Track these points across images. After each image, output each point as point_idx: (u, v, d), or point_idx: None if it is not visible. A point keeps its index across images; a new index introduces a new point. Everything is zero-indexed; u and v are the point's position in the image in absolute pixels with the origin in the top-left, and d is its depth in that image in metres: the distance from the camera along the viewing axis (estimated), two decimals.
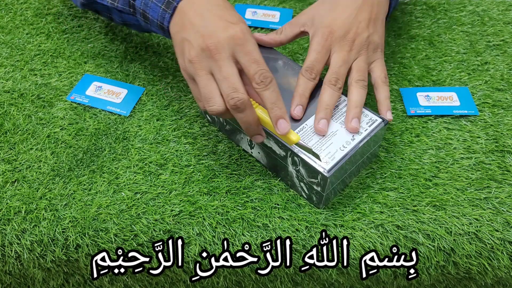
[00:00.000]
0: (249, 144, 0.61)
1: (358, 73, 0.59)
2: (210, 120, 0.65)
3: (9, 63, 0.74)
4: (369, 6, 0.61)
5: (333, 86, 0.58)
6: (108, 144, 0.64)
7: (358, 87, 0.58)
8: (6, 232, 0.56)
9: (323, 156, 0.53)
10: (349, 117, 0.57)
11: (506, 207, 0.57)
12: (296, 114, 0.57)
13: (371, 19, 0.61)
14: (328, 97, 0.57)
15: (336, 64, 0.59)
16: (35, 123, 0.66)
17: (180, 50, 0.55)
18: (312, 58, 0.59)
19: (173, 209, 0.57)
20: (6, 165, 0.62)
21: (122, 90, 0.70)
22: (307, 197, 0.57)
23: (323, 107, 0.57)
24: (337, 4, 0.62)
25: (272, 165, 0.59)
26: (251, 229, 0.56)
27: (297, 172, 0.56)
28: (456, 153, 0.63)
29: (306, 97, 0.58)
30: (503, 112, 0.67)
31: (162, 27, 0.59)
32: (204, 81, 0.52)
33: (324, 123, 0.56)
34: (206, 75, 0.52)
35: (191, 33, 0.53)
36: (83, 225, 0.56)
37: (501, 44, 0.77)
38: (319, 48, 0.60)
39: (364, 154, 0.58)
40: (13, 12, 0.83)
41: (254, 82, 0.52)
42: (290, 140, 0.53)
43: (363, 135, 0.56)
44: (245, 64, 0.52)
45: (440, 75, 0.73)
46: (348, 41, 0.59)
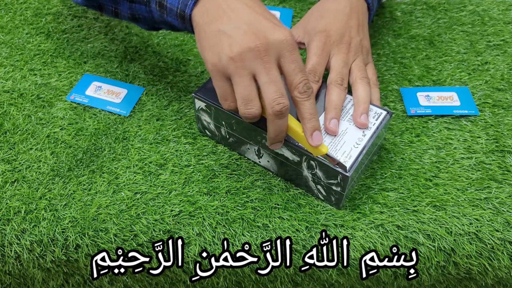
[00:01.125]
0: (257, 154, 0.60)
1: (360, 71, 0.61)
2: (210, 135, 0.64)
3: (9, 63, 0.74)
4: (356, 13, 0.64)
5: (339, 86, 0.59)
6: (108, 144, 0.64)
7: (364, 84, 0.60)
8: (5, 232, 0.56)
9: (340, 156, 0.53)
10: (358, 113, 0.57)
11: (507, 207, 0.57)
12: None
13: (360, 25, 0.64)
14: (336, 97, 0.58)
15: (338, 65, 0.60)
16: (34, 123, 0.66)
17: (213, 44, 0.50)
18: (314, 61, 0.60)
19: (173, 209, 0.57)
20: (6, 165, 0.62)
21: (122, 90, 0.70)
22: (324, 199, 0.57)
23: (332, 107, 0.57)
24: (326, 12, 0.64)
25: (284, 172, 0.59)
26: (251, 229, 0.56)
27: (313, 175, 0.56)
28: (457, 153, 0.62)
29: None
30: (504, 112, 0.67)
31: (183, 16, 0.54)
32: (246, 81, 0.49)
33: (335, 123, 0.56)
34: (248, 76, 0.49)
35: (232, 27, 0.49)
36: (83, 225, 0.56)
37: (502, 44, 0.77)
38: (319, 51, 0.61)
39: (374, 147, 0.58)
40: (12, 12, 0.83)
41: (297, 91, 0.50)
42: (319, 151, 0.52)
43: (373, 129, 0.56)
44: (290, 72, 0.50)
45: (440, 75, 0.72)
46: (345, 44, 0.61)
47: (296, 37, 0.65)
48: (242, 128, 0.58)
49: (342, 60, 0.60)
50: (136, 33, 0.79)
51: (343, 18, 0.63)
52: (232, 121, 0.58)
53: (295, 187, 0.59)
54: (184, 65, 0.74)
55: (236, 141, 0.61)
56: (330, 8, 0.65)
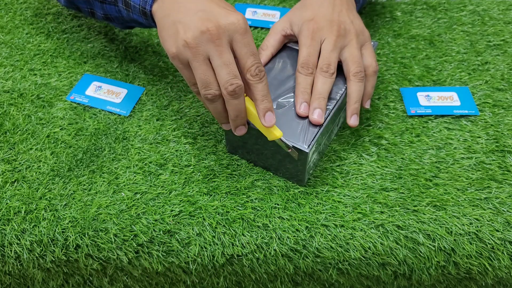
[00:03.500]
0: None
1: (354, 64, 0.59)
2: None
3: (9, 63, 0.74)
4: (340, 1, 0.63)
5: (324, 73, 0.58)
6: (108, 144, 0.64)
7: (357, 81, 0.58)
8: (5, 232, 0.56)
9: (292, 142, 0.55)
10: (348, 114, 0.58)
11: (507, 207, 0.57)
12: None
13: (347, 9, 0.63)
14: (320, 85, 0.57)
15: (327, 50, 0.59)
16: (34, 123, 0.66)
17: (171, 33, 0.52)
18: (305, 53, 0.59)
19: (173, 209, 0.57)
20: (6, 165, 0.62)
21: (122, 90, 0.70)
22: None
23: (316, 96, 0.57)
24: (310, 4, 0.63)
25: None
26: (251, 229, 0.56)
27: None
28: (457, 153, 0.62)
29: (308, 93, 0.58)
30: (504, 112, 0.67)
31: (145, 13, 0.57)
32: (203, 66, 0.51)
33: (319, 113, 0.56)
34: (204, 61, 0.51)
35: (187, 16, 0.52)
36: (83, 225, 0.56)
37: (502, 44, 0.77)
38: (309, 41, 0.60)
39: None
40: (12, 11, 0.83)
41: (249, 73, 0.52)
42: (273, 134, 0.53)
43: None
44: (242, 55, 0.52)
45: (440, 75, 0.72)
46: (335, 27, 0.60)
47: (284, 30, 0.64)
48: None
49: (331, 43, 0.59)
50: (136, 33, 0.79)
51: (329, 6, 0.62)
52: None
53: (295, 187, 0.59)
54: None
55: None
56: (313, 0, 0.64)
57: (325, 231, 0.55)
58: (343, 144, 0.64)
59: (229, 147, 0.62)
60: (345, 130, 0.65)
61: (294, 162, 0.56)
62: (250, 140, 0.58)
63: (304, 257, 0.55)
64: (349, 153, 0.63)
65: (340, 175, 0.61)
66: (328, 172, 0.61)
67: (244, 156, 0.62)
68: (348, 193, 0.59)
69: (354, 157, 0.62)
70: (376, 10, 0.84)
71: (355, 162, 0.62)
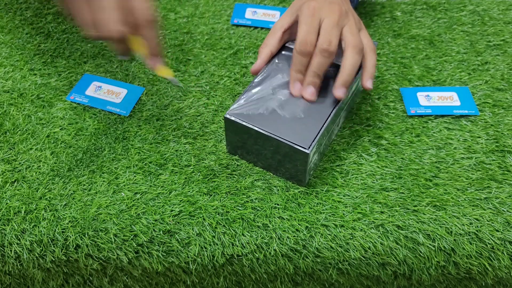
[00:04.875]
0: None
1: (353, 35, 0.57)
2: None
3: (9, 63, 0.74)
4: None
5: (324, 52, 0.56)
6: (108, 144, 0.64)
7: (353, 53, 0.56)
8: (5, 232, 0.56)
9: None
10: (337, 84, 0.56)
11: (507, 207, 0.57)
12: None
13: (343, 2, 0.61)
14: (316, 63, 0.56)
15: (327, 27, 0.57)
16: (34, 123, 0.66)
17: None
18: (303, 30, 0.57)
19: (173, 209, 0.57)
20: (6, 165, 0.62)
21: (122, 90, 0.70)
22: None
23: (310, 74, 0.56)
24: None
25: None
26: (251, 229, 0.56)
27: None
28: (457, 153, 0.62)
29: (303, 74, 0.57)
30: (504, 112, 0.67)
31: None
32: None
33: (312, 91, 0.56)
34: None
35: None
36: (83, 225, 0.56)
37: (502, 44, 0.77)
38: (309, 19, 0.57)
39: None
40: (12, 11, 0.83)
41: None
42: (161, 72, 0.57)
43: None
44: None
45: (440, 75, 0.72)
46: (336, 7, 0.58)
47: (283, 26, 0.62)
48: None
49: (332, 21, 0.57)
50: None
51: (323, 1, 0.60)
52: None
53: (295, 187, 0.59)
54: (184, 65, 0.74)
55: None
56: None
57: (325, 231, 0.55)
58: (343, 144, 0.64)
59: (229, 148, 0.62)
60: (345, 130, 0.65)
61: (294, 162, 0.56)
62: (249, 140, 0.58)
63: (304, 257, 0.55)
64: (349, 153, 0.63)
65: (340, 175, 0.61)
66: (328, 172, 0.61)
67: (244, 157, 0.62)
68: (348, 193, 0.59)
69: (354, 157, 0.62)
70: (376, 10, 0.84)
71: (355, 162, 0.62)
